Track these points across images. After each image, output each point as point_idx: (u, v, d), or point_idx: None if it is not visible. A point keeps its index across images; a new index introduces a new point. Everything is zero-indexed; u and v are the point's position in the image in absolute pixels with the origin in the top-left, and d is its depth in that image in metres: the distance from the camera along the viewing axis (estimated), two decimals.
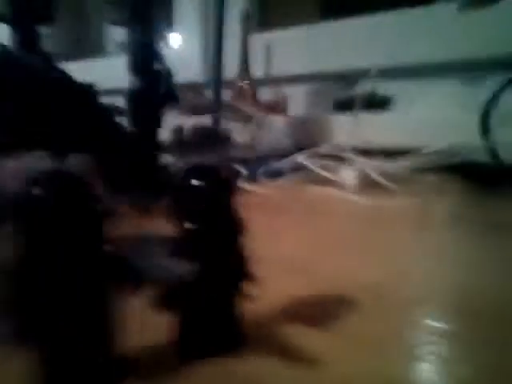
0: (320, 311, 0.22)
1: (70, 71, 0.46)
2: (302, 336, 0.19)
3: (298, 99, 0.94)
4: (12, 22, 0.47)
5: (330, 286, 0.25)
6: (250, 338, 0.18)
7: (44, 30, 0.49)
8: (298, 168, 0.60)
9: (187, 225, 0.17)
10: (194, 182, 0.17)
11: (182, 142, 0.79)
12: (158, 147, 0.56)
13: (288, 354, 0.18)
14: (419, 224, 0.40)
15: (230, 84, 0.90)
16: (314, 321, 0.20)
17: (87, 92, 0.49)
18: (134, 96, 0.54)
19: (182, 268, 0.14)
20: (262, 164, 0.64)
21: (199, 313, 0.17)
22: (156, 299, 0.17)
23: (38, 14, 0.48)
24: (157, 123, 0.56)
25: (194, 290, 0.16)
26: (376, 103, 0.71)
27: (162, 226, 0.17)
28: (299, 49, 0.91)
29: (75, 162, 0.25)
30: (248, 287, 0.18)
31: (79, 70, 0.48)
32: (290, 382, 0.16)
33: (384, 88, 0.72)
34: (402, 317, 0.22)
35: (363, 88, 0.65)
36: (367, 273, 0.27)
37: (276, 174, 0.59)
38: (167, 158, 0.59)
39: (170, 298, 0.17)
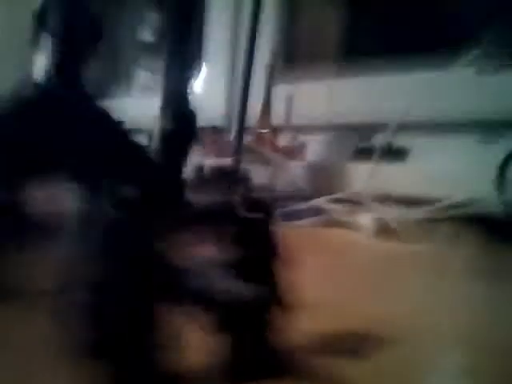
0: (348, 344, 0.23)
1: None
2: (333, 365, 0.20)
3: (316, 147, 0.97)
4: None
5: (355, 322, 0.26)
6: (289, 365, 0.19)
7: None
8: (316, 212, 0.62)
9: (242, 252, 0.18)
10: (251, 214, 0.19)
11: (203, 181, 0.82)
12: (183, 185, 0.59)
13: (323, 380, 0.19)
14: (433, 268, 0.41)
15: (251, 130, 0.95)
16: (343, 352, 0.21)
17: (126, 130, 0.52)
18: (164, 135, 0.58)
19: (247, 291, 0.15)
20: (280, 206, 0.66)
21: (249, 338, 0.18)
22: (212, 322, 0.18)
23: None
24: (184, 162, 0.59)
25: (246, 315, 0.17)
26: (393, 154, 0.74)
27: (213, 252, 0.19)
28: (320, 101, 0.95)
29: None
30: (288, 317, 0.19)
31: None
32: None
33: (402, 140, 0.75)
34: (423, 348, 0.22)
35: (382, 139, 0.68)
36: (390, 312, 0.28)
37: (294, 217, 0.61)
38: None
39: (226, 322, 0.18)
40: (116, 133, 0.50)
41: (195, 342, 0.18)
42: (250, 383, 0.18)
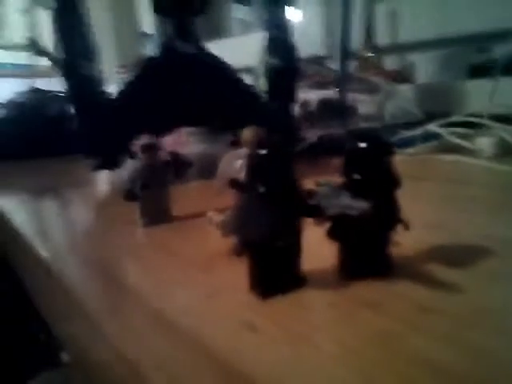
0: (453, 255, 0.25)
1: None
2: (440, 271, 0.22)
3: (427, 66, 0.91)
4: (172, 15, 0.55)
5: (462, 238, 0.28)
6: (398, 267, 0.23)
7: None
8: (430, 137, 0.60)
9: (356, 176, 0.22)
10: (361, 144, 0.22)
11: (310, 115, 0.83)
12: (294, 122, 0.62)
13: (430, 281, 0.21)
14: None
15: (355, 55, 0.92)
16: (449, 261, 0.24)
17: (235, 73, 0.56)
18: (272, 73, 0.60)
19: (360, 205, 0.19)
20: (392, 134, 0.65)
21: (362, 243, 0.22)
22: (329, 230, 0.22)
23: (196, 8, 0.55)
24: (292, 98, 0.61)
25: (359, 224, 0.21)
26: None
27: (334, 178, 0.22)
28: (428, 12, 0.87)
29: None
30: (399, 230, 0.22)
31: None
32: (431, 298, 0.20)
33: None
34: None
35: (503, 50, 0.62)
36: (498, 229, 0.29)
37: (407, 144, 0.60)
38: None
39: (340, 229, 0.22)
40: (230, 78, 0.54)
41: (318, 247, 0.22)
42: (363, 279, 0.21)
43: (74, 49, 0.47)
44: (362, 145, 0.22)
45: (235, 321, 0.19)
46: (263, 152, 0.20)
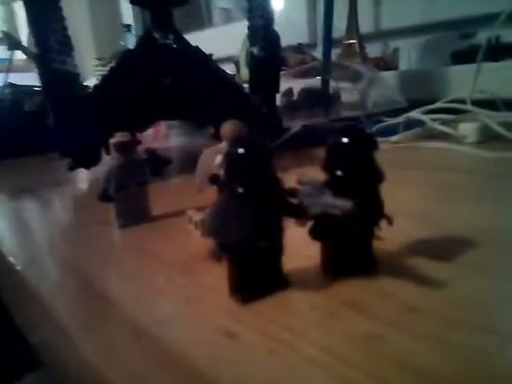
0: (438, 247, 0.24)
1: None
2: (425, 265, 0.22)
3: (410, 53, 0.91)
4: (150, 5, 0.53)
5: (447, 228, 0.27)
6: (382, 264, 0.22)
7: None
8: (413, 124, 0.60)
9: (338, 173, 0.21)
10: (344, 139, 0.21)
11: (293, 104, 0.82)
12: (278, 113, 0.60)
13: (414, 275, 0.21)
14: None
15: (338, 42, 0.90)
16: (434, 254, 0.23)
17: (216, 64, 0.55)
18: (254, 63, 0.58)
19: (344, 204, 0.18)
20: (375, 122, 0.65)
21: (345, 241, 0.21)
22: (312, 230, 0.21)
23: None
24: (275, 88, 0.60)
25: (342, 222, 0.20)
26: (501, 51, 0.67)
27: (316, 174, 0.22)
28: None
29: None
30: (382, 226, 0.22)
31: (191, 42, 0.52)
32: (417, 295, 0.19)
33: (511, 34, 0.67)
34: None
35: (486, 36, 0.61)
36: (482, 219, 0.29)
37: (390, 132, 0.60)
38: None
39: (324, 228, 0.21)
40: (210, 69, 0.53)
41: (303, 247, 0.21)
42: (347, 277, 0.21)
43: (48, 42, 0.46)
44: (344, 140, 0.21)
45: (214, 328, 0.18)
46: (241, 150, 0.19)
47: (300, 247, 0.22)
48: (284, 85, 0.74)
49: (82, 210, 0.41)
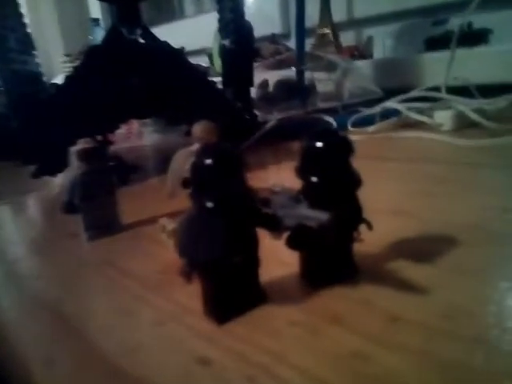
0: (422, 248, 0.24)
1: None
2: (407, 268, 0.21)
3: (383, 41, 0.90)
4: (116, 0, 0.51)
5: (428, 226, 0.27)
6: (363, 269, 0.21)
7: None
8: (389, 114, 0.59)
9: (314, 179, 0.20)
10: (318, 144, 0.19)
11: (268, 96, 0.81)
12: (252, 107, 0.59)
13: (397, 281, 0.20)
14: None
15: (311, 32, 0.89)
16: (417, 256, 0.22)
17: (186, 59, 0.53)
18: (227, 55, 0.56)
19: (319, 216, 0.17)
20: (351, 112, 0.64)
21: (323, 250, 0.20)
22: (289, 240, 0.20)
23: None
24: (249, 80, 0.58)
25: (320, 231, 0.19)
26: (474, 37, 0.66)
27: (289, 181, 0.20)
28: None
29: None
30: (361, 230, 0.21)
31: (162, 35, 0.50)
32: (401, 304, 0.19)
33: (483, 20, 0.66)
34: (500, 251, 0.23)
35: (458, 22, 0.61)
36: (462, 215, 0.28)
37: (366, 122, 0.59)
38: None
39: (300, 238, 0.20)
40: (180, 64, 0.51)
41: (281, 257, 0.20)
42: (328, 286, 0.20)
43: (5, 42, 0.43)
44: (319, 144, 0.20)
45: (187, 355, 0.17)
46: (209, 161, 0.17)
47: (277, 254, 0.20)
48: (259, 76, 0.73)
49: (50, 222, 0.38)
